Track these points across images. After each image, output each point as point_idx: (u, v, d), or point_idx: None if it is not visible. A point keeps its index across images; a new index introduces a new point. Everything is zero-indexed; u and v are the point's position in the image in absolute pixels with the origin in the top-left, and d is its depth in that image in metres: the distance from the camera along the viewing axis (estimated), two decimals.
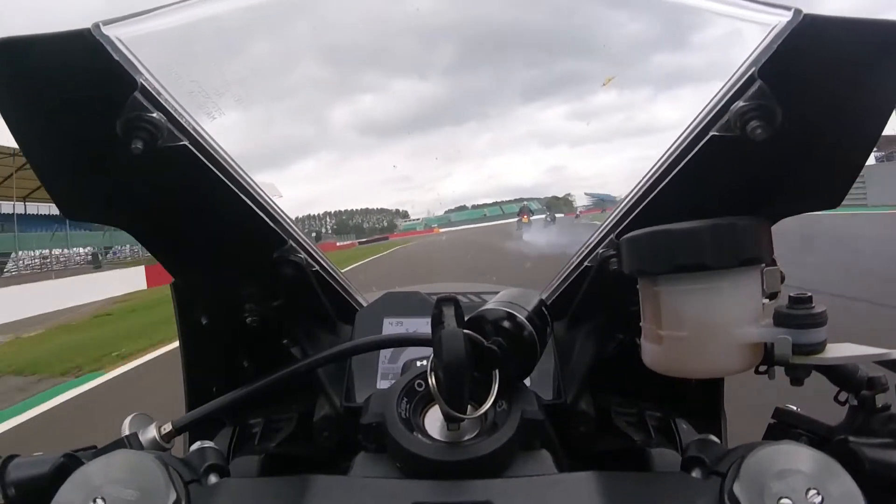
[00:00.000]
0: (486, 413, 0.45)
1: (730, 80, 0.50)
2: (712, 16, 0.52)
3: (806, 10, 0.43)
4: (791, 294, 0.41)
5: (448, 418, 0.42)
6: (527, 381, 0.61)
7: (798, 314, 0.39)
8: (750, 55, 0.48)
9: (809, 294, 0.40)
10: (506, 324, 0.46)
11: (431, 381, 0.42)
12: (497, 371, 0.44)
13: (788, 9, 0.44)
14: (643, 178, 0.61)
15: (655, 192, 0.58)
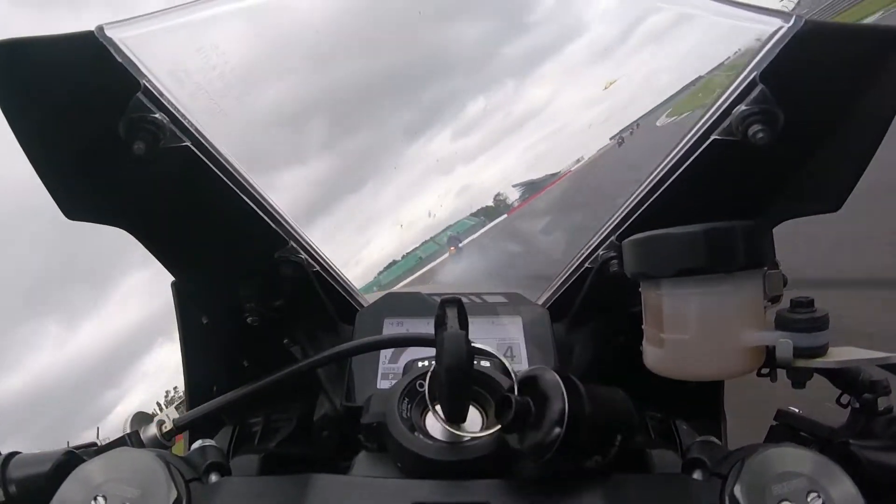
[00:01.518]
0: (486, 413, 0.45)
1: (732, 84, 0.50)
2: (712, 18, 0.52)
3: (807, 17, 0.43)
4: (793, 298, 0.41)
5: (448, 420, 0.42)
6: None
7: (800, 318, 0.39)
8: (752, 60, 0.48)
9: (811, 298, 0.40)
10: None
11: (427, 382, 0.42)
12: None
13: (790, 14, 0.44)
14: (644, 180, 0.61)
15: (657, 194, 0.58)
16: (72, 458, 0.42)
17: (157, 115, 0.48)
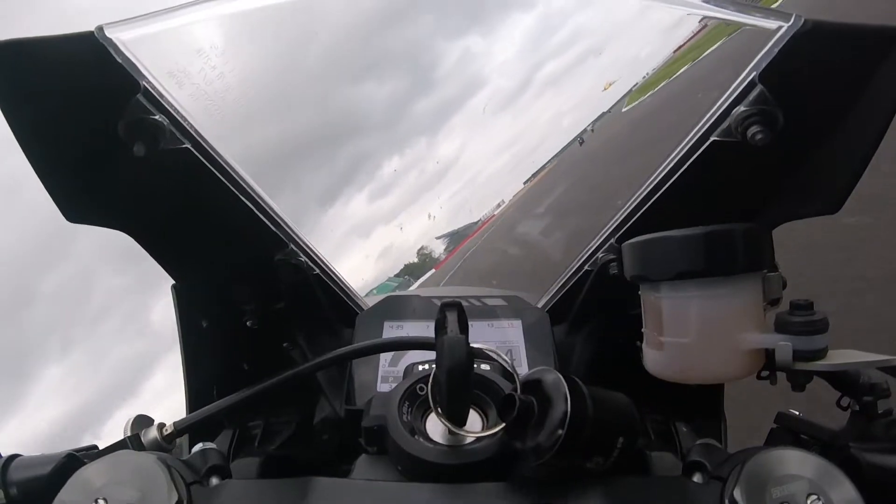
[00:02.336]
0: (486, 416, 0.45)
1: (730, 85, 0.50)
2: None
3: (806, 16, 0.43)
4: (792, 300, 0.41)
5: (449, 423, 0.42)
6: None
7: (799, 321, 0.39)
8: (750, 60, 0.48)
9: (811, 301, 0.40)
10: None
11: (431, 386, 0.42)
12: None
13: (789, 14, 0.44)
14: (643, 182, 0.61)
15: (656, 196, 0.58)
16: (72, 461, 0.42)
17: (156, 117, 0.48)
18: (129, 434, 0.50)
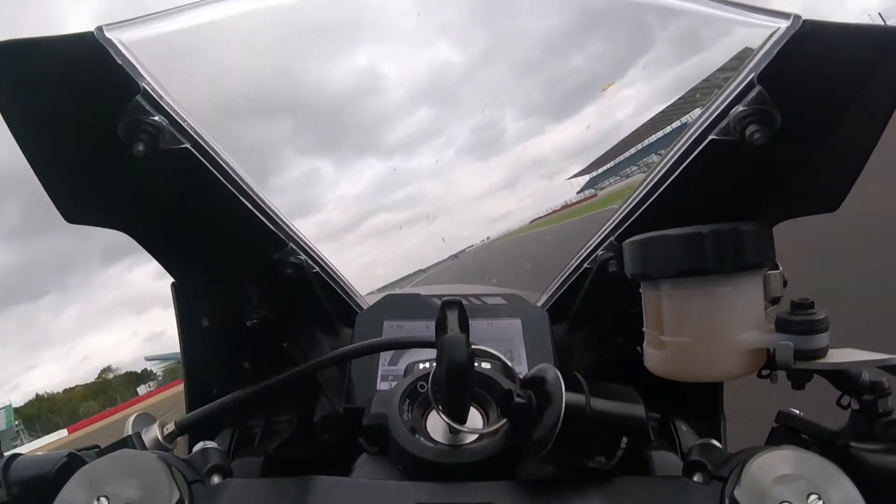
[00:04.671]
0: (487, 414, 0.45)
1: (729, 84, 0.50)
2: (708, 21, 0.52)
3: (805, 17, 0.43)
4: (793, 300, 0.41)
5: (450, 421, 0.42)
6: None
7: (800, 320, 0.39)
8: (749, 60, 0.48)
9: (811, 300, 0.40)
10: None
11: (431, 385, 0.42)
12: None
13: (788, 15, 0.44)
14: (643, 180, 0.61)
15: (655, 195, 0.58)
16: (74, 460, 0.42)
17: (156, 118, 0.48)
18: (130, 433, 0.51)
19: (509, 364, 0.45)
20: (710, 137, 0.50)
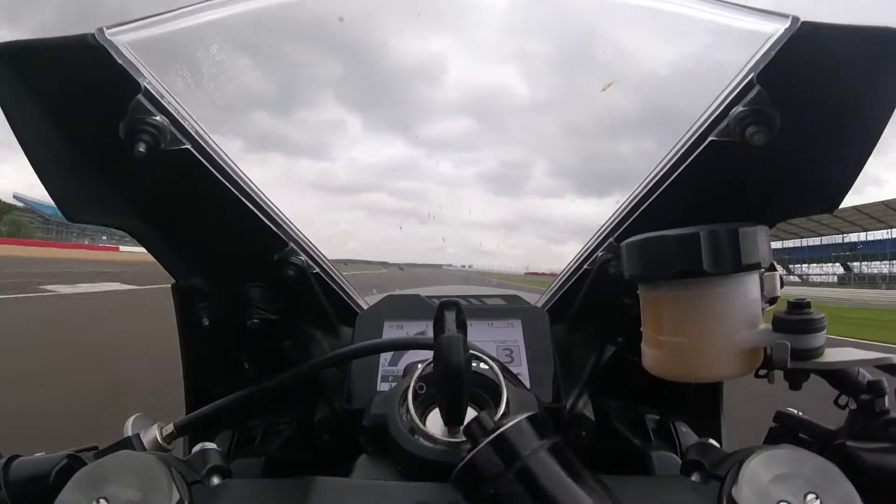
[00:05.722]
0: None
1: (729, 85, 0.50)
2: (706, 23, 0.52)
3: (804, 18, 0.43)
4: (790, 300, 0.41)
5: (447, 422, 0.42)
6: (527, 384, 0.61)
7: (797, 319, 0.39)
8: (749, 61, 0.48)
9: (808, 300, 0.40)
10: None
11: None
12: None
13: (787, 16, 0.44)
14: (642, 181, 0.61)
15: (654, 195, 0.58)
16: (73, 462, 0.42)
17: (157, 118, 0.48)
18: (129, 434, 0.51)
19: (497, 369, 0.46)
20: (710, 138, 0.50)
